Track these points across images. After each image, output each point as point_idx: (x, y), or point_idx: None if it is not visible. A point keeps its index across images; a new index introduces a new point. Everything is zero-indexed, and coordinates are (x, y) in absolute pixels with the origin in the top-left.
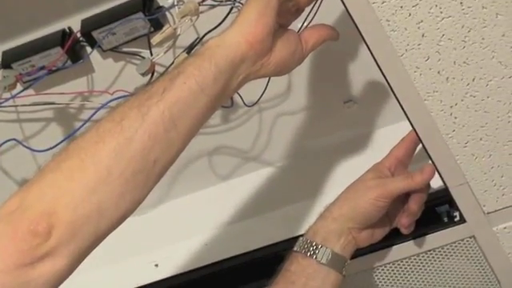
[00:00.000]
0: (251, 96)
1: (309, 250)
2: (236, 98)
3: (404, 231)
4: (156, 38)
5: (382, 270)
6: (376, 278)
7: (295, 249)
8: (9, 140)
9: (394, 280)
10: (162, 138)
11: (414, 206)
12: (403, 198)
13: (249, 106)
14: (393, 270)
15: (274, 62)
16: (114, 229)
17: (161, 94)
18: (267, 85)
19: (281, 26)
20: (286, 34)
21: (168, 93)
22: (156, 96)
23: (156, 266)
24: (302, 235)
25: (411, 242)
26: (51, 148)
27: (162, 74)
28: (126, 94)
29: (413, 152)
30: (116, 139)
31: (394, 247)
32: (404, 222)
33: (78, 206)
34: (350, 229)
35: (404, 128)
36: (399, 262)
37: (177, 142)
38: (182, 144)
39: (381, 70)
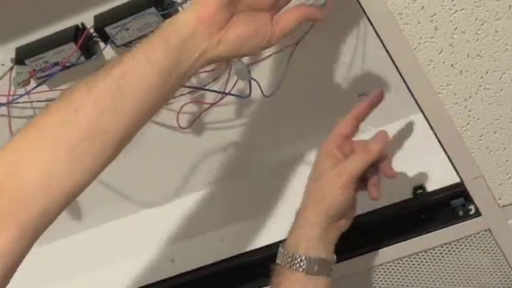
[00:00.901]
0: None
1: (294, 264)
2: (254, 88)
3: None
4: None
5: (398, 263)
6: (392, 271)
7: (279, 262)
8: None
9: (409, 274)
10: (110, 107)
11: (388, 171)
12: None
13: (266, 97)
14: (408, 264)
15: (233, 37)
16: (70, 199)
17: (109, 70)
18: (283, 77)
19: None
20: (254, 13)
21: (116, 68)
22: (104, 72)
23: (172, 261)
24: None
25: (427, 236)
26: None
27: None
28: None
29: (357, 127)
30: (62, 112)
31: (410, 241)
32: (375, 194)
33: (22, 175)
34: (330, 224)
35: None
36: (415, 256)
37: (127, 111)
38: (135, 116)
39: (394, 63)
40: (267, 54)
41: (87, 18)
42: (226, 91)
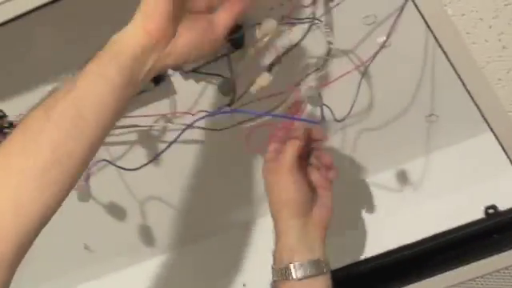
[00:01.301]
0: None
1: (285, 274)
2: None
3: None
4: (237, 58)
5: (471, 284)
6: None
7: (275, 278)
8: (99, 161)
9: None
10: (70, 133)
11: (326, 159)
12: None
13: (339, 121)
14: (482, 285)
15: (181, 46)
16: (41, 225)
17: (64, 94)
18: (355, 100)
19: (194, 11)
20: (195, 17)
21: (71, 92)
22: (60, 95)
23: (244, 286)
24: None
25: (499, 256)
26: (138, 168)
27: None
28: (208, 114)
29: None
30: (22, 139)
31: (483, 261)
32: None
33: None
34: (304, 223)
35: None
36: (488, 276)
37: (88, 133)
38: (97, 135)
39: (462, 82)
40: (337, 76)
41: None
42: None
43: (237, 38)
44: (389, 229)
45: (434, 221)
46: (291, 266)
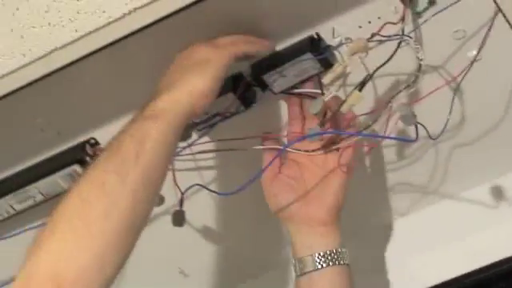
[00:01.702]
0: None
1: (302, 269)
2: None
3: None
4: (327, 78)
5: None
6: None
7: (296, 274)
8: (192, 186)
9: None
10: (143, 198)
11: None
12: None
13: (433, 139)
14: None
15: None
16: (114, 280)
17: (135, 159)
18: (449, 116)
19: None
20: None
21: (141, 158)
22: (130, 160)
23: None
24: None
25: None
26: (234, 192)
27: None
28: (300, 135)
29: None
30: (102, 203)
31: None
32: None
33: (79, 265)
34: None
35: None
36: None
37: (155, 195)
38: (157, 195)
39: None
40: (428, 92)
41: (244, 67)
42: (386, 133)
43: (326, 57)
44: (485, 244)
45: None
46: (309, 257)
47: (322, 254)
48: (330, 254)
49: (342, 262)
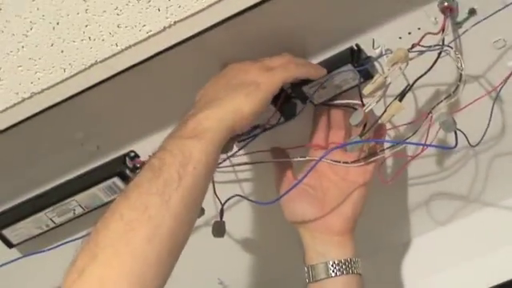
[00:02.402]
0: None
1: (314, 276)
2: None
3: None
4: (367, 89)
5: None
6: None
7: (307, 281)
8: (233, 196)
9: None
10: (185, 220)
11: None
12: None
13: (473, 146)
14: None
15: None
16: None
17: (177, 181)
18: (488, 125)
19: None
20: None
21: (184, 180)
22: (173, 183)
23: None
24: None
25: None
26: (273, 202)
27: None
28: (341, 144)
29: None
30: (146, 227)
31: None
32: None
33: None
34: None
35: None
36: None
37: (195, 217)
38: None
39: None
40: (468, 102)
41: None
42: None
43: (366, 68)
44: None
45: None
46: (321, 264)
47: (336, 262)
48: (344, 263)
49: (355, 272)
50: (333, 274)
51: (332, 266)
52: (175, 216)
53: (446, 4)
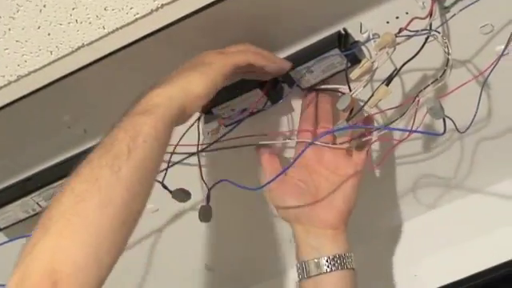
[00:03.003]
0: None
1: (308, 272)
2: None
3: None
4: (355, 73)
5: None
6: None
7: (299, 278)
8: (220, 181)
9: None
10: (138, 191)
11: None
12: None
13: (461, 132)
14: None
15: None
16: (108, 275)
17: (127, 154)
18: (476, 111)
19: None
20: None
21: (134, 152)
22: (123, 155)
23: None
24: None
25: None
26: (262, 187)
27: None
28: (328, 130)
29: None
30: (97, 197)
31: None
32: None
33: (75, 260)
34: (315, 222)
35: None
36: None
37: (149, 189)
38: (151, 190)
39: None
40: (455, 87)
41: None
42: (414, 127)
43: (353, 53)
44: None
45: None
46: (314, 260)
47: (330, 257)
48: (338, 258)
49: (348, 267)
50: (328, 270)
51: (326, 261)
52: (127, 187)
53: None
